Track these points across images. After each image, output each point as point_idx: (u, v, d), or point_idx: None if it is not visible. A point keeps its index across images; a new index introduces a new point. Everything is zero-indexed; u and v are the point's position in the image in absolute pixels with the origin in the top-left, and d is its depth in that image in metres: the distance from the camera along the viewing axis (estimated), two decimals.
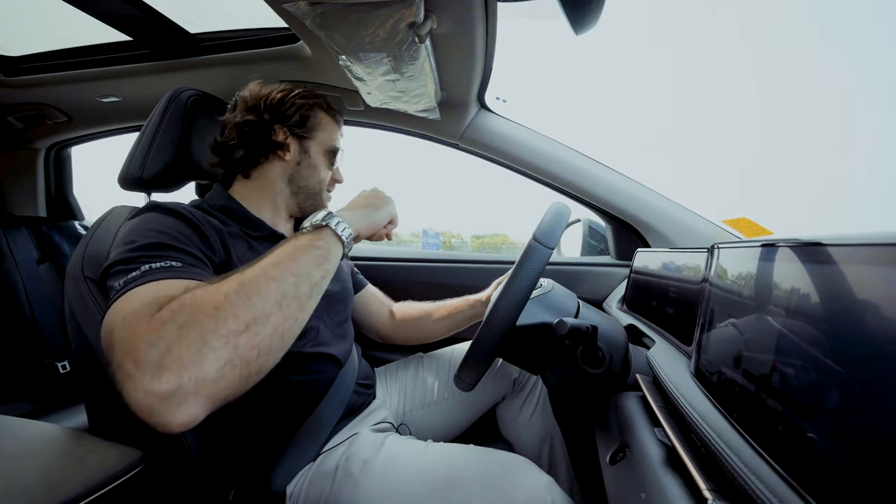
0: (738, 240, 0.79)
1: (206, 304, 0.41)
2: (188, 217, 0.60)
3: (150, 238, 0.53)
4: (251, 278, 0.44)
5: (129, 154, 0.78)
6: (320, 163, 0.79)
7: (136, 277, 0.47)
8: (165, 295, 0.43)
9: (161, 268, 0.48)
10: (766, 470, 0.29)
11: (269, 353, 0.43)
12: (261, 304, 0.43)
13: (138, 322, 0.40)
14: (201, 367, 0.38)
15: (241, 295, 0.42)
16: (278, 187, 0.77)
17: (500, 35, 0.78)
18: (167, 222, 0.57)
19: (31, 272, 1.37)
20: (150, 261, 0.49)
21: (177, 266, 0.50)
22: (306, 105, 0.77)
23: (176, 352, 0.38)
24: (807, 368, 0.29)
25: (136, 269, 0.48)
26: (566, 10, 0.49)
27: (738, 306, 0.41)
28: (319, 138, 0.79)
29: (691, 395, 0.43)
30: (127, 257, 0.50)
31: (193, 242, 0.57)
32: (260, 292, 0.43)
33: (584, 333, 0.54)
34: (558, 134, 1.09)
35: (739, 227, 0.97)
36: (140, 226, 0.56)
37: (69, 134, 1.46)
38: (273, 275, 0.45)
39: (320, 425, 0.69)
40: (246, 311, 0.41)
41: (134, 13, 0.89)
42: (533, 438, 0.87)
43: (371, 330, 0.98)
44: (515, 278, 0.55)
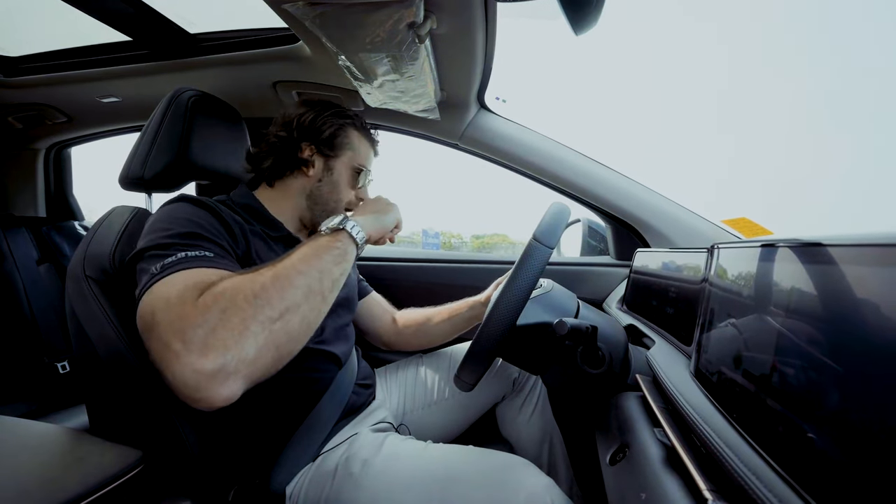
0: (737, 240, 0.79)
1: (246, 292, 0.45)
2: (217, 211, 0.62)
3: (185, 227, 0.56)
4: (284, 271, 0.50)
5: (130, 154, 0.78)
6: (342, 181, 0.79)
7: (173, 263, 0.50)
8: (205, 281, 0.47)
9: (196, 256, 0.51)
10: (765, 470, 0.29)
11: (297, 339, 0.48)
12: (292, 295, 0.48)
13: (183, 305, 0.44)
14: (242, 348, 0.42)
15: (275, 286, 0.47)
16: (297, 200, 0.79)
17: (500, 35, 0.78)
18: (199, 214, 0.60)
19: (31, 272, 1.37)
20: (186, 248, 0.52)
21: (210, 256, 0.53)
22: (337, 124, 0.78)
23: (221, 333, 0.42)
24: (806, 368, 0.29)
25: (172, 255, 0.50)
26: (566, 11, 0.49)
27: (738, 306, 0.41)
28: (346, 157, 0.79)
29: (691, 395, 0.43)
30: (163, 243, 0.53)
31: (222, 235, 0.60)
32: (292, 284, 0.49)
33: (583, 333, 0.54)
34: (558, 134, 1.10)
35: (739, 227, 0.98)
36: (174, 214, 0.59)
37: (69, 134, 1.46)
38: (301, 269, 0.51)
39: (319, 424, 0.69)
40: (280, 300, 0.47)
41: (133, 13, 0.89)
42: (532, 438, 0.87)
43: (374, 336, 0.98)
44: (516, 278, 0.55)
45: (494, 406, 0.94)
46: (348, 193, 0.81)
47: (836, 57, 57.15)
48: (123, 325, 0.65)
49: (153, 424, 0.64)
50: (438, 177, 14.16)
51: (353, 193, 0.81)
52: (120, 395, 0.66)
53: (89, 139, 1.52)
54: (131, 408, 0.66)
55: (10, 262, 1.33)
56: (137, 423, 0.67)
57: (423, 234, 2.59)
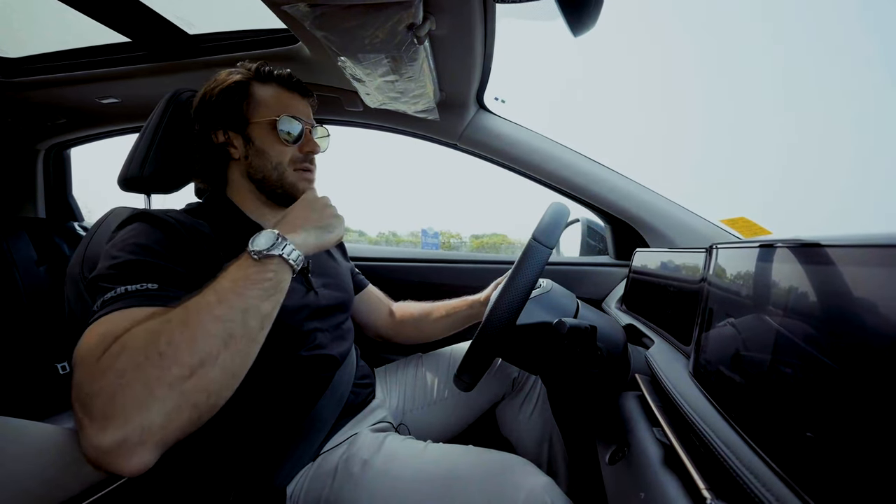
0: (736, 240, 0.79)
1: (149, 349, 0.39)
2: (175, 229, 0.57)
3: (133, 254, 0.51)
4: (195, 316, 0.42)
5: (129, 155, 0.78)
6: (267, 144, 0.69)
7: (109, 301, 0.46)
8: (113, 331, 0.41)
9: (136, 291, 0.47)
10: (763, 469, 0.29)
11: (219, 392, 0.42)
12: (206, 345, 0.41)
13: (86, 365, 0.39)
14: (146, 417, 0.37)
15: (185, 337, 0.40)
16: (246, 187, 0.72)
17: (498, 36, 0.78)
18: (154, 236, 0.55)
19: (31, 273, 1.37)
20: (128, 282, 0.48)
21: (152, 289, 0.48)
22: (233, 90, 0.69)
23: (119, 401, 0.36)
24: (804, 368, 0.29)
25: (112, 290, 0.47)
26: (564, 12, 0.49)
27: (737, 306, 0.41)
28: (259, 117, 0.69)
29: (690, 395, 0.43)
30: (107, 273, 0.49)
31: (178, 257, 0.55)
32: (206, 332, 0.41)
33: (583, 333, 0.54)
34: (557, 134, 1.10)
35: (738, 227, 0.98)
36: (126, 238, 0.54)
37: (69, 135, 1.46)
38: (218, 313, 0.42)
39: (319, 424, 0.69)
40: (191, 355, 0.40)
41: (133, 15, 0.89)
42: (532, 438, 0.87)
43: (370, 329, 0.98)
44: (515, 278, 0.55)
45: (494, 406, 0.95)
46: (282, 153, 0.70)
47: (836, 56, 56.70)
48: None
49: None
50: (438, 177, 14.13)
51: (291, 149, 0.70)
52: None
53: (89, 140, 1.52)
54: None
55: (10, 263, 1.33)
56: None
57: (423, 233, 2.59)
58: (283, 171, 0.70)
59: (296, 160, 0.71)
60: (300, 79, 0.75)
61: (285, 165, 0.70)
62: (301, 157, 0.71)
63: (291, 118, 0.70)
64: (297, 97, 0.73)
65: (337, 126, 1.18)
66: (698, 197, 2.18)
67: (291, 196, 0.70)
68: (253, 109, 0.69)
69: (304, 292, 0.72)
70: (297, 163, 0.71)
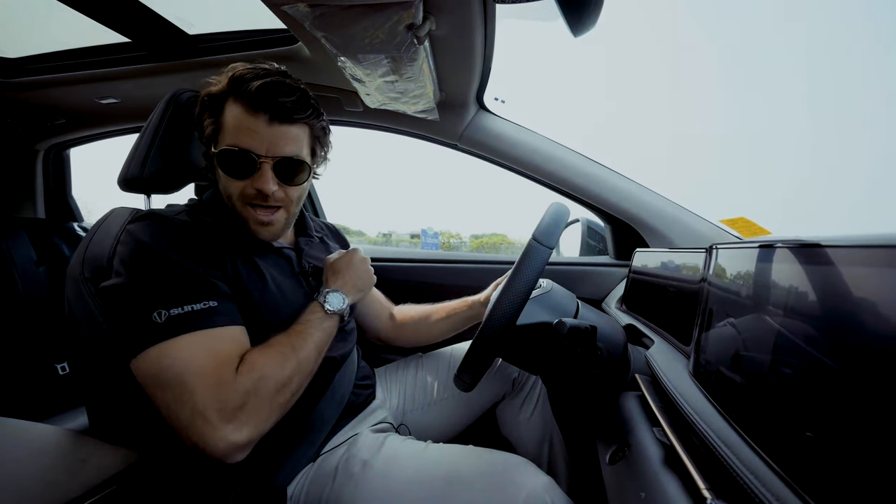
0: (736, 240, 0.79)
1: (277, 380, 0.55)
2: (197, 231, 0.61)
3: (175, 268, 0.55)
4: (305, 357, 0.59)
5: (129, 155, 0.78)
6: (221, 173, 0.62)
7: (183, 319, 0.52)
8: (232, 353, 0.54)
9: (204, 311, 0.54)
10: (763, 469, 0.29)
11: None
12: (303, 379, 0.59)
13: (220, 378, 0.51)
14: (268, 425, 0.54)
15: (295, 372, 0.58)
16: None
17: (498, 36, 0.78)
18: (180, 241, 0.58)
19: (31, 274, 1.37)
20: (191, 300, 0.54)
21: (215, 307, 0.55)
22: (206, 102, 0.63)
23: (256, 414, 0.52)
24: (803, 368, 0.29)
25: (178, 307, 0.53)
26: (564, 13, 0.49)
27: (736, 306, 0.41)
28: (222, 142, 0.62)
29: (690, 395, 0.43)
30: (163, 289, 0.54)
31: (211, 264, 0.59)
32: (304, 370, 0.59)
33: (583, 333, 0.54)
34: (557, 134, 1.10)
35: (737, 227, 0.98)
36: (156, 245, 0.56)
37: (68, 135, 1.46)
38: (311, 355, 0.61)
39: (319, 424, 0.69)
40: (298, 387, 0.58)
41: (133, 15, 0.89)
42: (532, 438, 0.87)
43: (371, 332, 0.98)
44: (516, 277, 0.55)
45: (494, 406, 0.95)
46: (232, 186, 0.62)
47: (835, 55, 57.09)
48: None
49: (153, 425, 0.64)
50: (438, 177, 14.17)
51: (239, 184, 0.62)
52: (119, 396, 0.66)
53: (88, 140, 1.52)
54: (131, 409, 0.66)
55: (10, 264, 1.33)
56: (137, 425, 0.66)
57: (423, 233, 2.59)
58: (234, 203, 0.64)
59: (247, 195, 0.63)
60: (301, 78, 0.69)
61: (235, 199, 0.63)
62: (252, 193, 0.62)
63: (233, 152, 0.60)
64: (262, 121, 0.60)
65: (337, 126, 1.18)
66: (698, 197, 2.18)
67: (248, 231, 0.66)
68: (223, 130, 0.62)
69: (306, 297, 0.71)
70: (249, 198, 0.63)
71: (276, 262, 0.70)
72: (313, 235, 0.82)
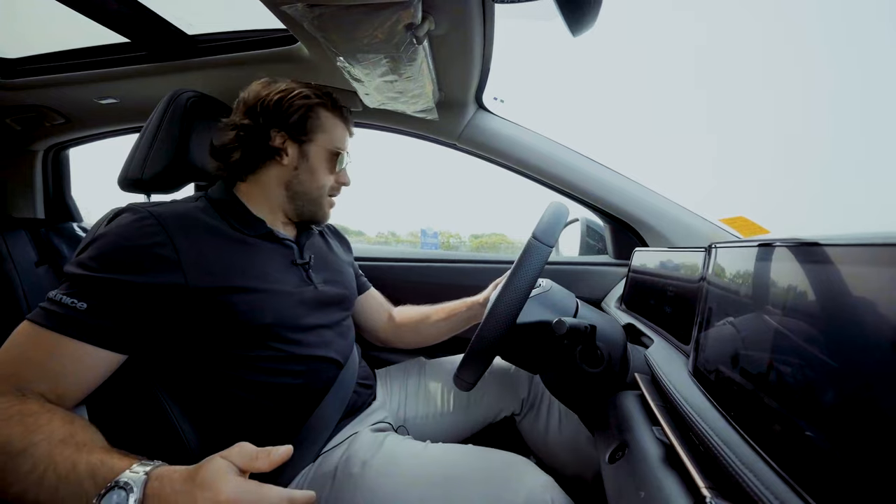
0: (735, 239, 0.80)
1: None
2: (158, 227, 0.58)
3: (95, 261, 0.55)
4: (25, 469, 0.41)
5: (129, 156, 0.78)
6: (320, 167, 0.75)
7: (46, 307, 0.53)
8: (21, 376, 0.49)
9: (65, 310, 0.52)
10: (763, 468, 0.29)
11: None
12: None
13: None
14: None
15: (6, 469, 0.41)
16: (275, 192, 0.74)
17: (497, 36, 0.78)
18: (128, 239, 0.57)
19: (30, 274, 1.37)
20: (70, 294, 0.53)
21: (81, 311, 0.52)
22: (307, 105, 0.72)
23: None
24: (803, 367, 0.29)
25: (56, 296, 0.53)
26: (563, 12, 0.49)
27: (736, 305, 0.41)
28: (320, 141, 0.74)
29: (689, 394, 0.43)
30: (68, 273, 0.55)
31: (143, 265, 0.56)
32: (10, 483, 0.41)
33: (582, 333, 0.54)
34: (556, 134, 1.10)
35: (737, 226, 0.98)
36: (105, 245, 0.56)
37: (67, 136, 1.46)
38: (28, 488, 0.40)
39: (321, 424, 0.69)
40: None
41: (132, 15, 0.89)
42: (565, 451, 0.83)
43: (370, 333, 0.98)
44: (516, 275, 0.55)
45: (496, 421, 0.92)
46: (328, 179, 0.76)
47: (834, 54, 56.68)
48: None
49: (154, 426, 0.64)
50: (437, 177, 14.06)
51: (332, 178, 0.77)
52: (119, 395, 0.66)
53: (88, 140, 1.52)
54: (132, 409, 0.66)
55: (9, 264, 1.33)
56: (138, 425, 0.66)
57: (422, 233, 2.59)
58: (322, 193, 0.76)
59: (333, 188, 0.79)
60: (299, 79, 0.76)
61: (325, 190, 0.77)
62: (336, 187, 0.79)
63: (347, 154, 0.78)
64: (347, 132, 0.79)
65: None
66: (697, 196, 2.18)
67: (314, 217, 0.78)
68: (318, 130, 0.74)
69: (305, 287, 0.72)
70: (333, 190, 0.79)
71: (280, 251, 0.72)
72: (313, 229, 0.83)
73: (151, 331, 0.57)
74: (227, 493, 0.36)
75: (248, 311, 0.62)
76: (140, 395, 0.63)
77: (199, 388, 0.65)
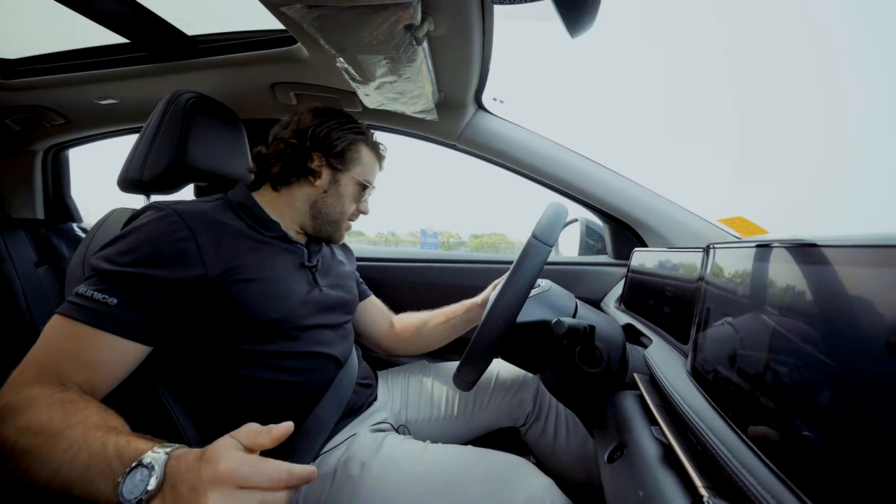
0: (733, 240, 0.80)
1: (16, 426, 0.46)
2: (182, 224, 0.61)
3: (125, 256, 0.57)
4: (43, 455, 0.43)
5: (129, 156, 0.78)
6: (347, 194, 0.80)
7: (78, 302, 0.54)
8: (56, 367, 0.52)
9: (97, 305, 0.54)
10: (760, 468, 0.29)
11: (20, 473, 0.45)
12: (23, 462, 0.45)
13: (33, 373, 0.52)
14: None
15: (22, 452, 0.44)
16: (300, 207, 0.79)
17: (497, 37, 0.78)
18: (154, 236, 0.59)
19: (30, 275, 1.37)
20: (101, 290, 0.55)
21: (113, 305, 0.54)
22: (351, 139, 0.79)
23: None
24: (800, 367, 0.29)
25: (87, 291, 0.55)
26: (561, 13, 0.49)
27: (734, 305, 0.41)
28: (354, 172, 0.80)
29: (688, 394, 0.43)
30: (97, 268, 0.57)
31: (170, 260, 0.58)
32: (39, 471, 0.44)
33: (581, 333, 0.54)
34: (556, 134, 1.10)
35: (735, 226, 0.98)
36: (133, 240, 0.59)
37: (67, 136, 1.46)
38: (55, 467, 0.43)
39: (320, 425, 0.69)
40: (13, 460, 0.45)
41: (131, 15, 0.89)
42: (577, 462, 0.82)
43: (371, 340, 0.98)
44: (515, 274, 0.55)
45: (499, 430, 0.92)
46: (351, 207, 0.82)
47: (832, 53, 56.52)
48: None
49: (154, 425, 0.64)
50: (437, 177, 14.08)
51: (355, 206, 0.83)
52: (119, 396, 0.66)
53: (87, 141, 1.52)
54: (131, 408, 0.66)
55: (9, 265, 1.33)
56: (138, 424, 0.66)
57: (422, 233, 2.60)
58: (343, 218, 0.82)
59: (352, 214, 0.84)
60: (298, 80, 0.79)
61: (346, 216, 0.82)
62: (356, 214, 0.85)
63: (373, 188, 0.85)
64: (378, 168, 0.86)
65: None
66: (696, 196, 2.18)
67: (329, 236, 0.83)
68: (355, 163, 0.80)
69: (311, 289, 0.74)
70: (352, 216, 0.84)
71: (291, 253, 0.75)
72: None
73: (178, 323, 0.60)
74: (227, 464, 0.38)
75: (257, 304, 0.64)
76: (140, 391, 0.63)
77: (201, 384, 0.65)
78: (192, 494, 0.37)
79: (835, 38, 48.94)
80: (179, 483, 0.39)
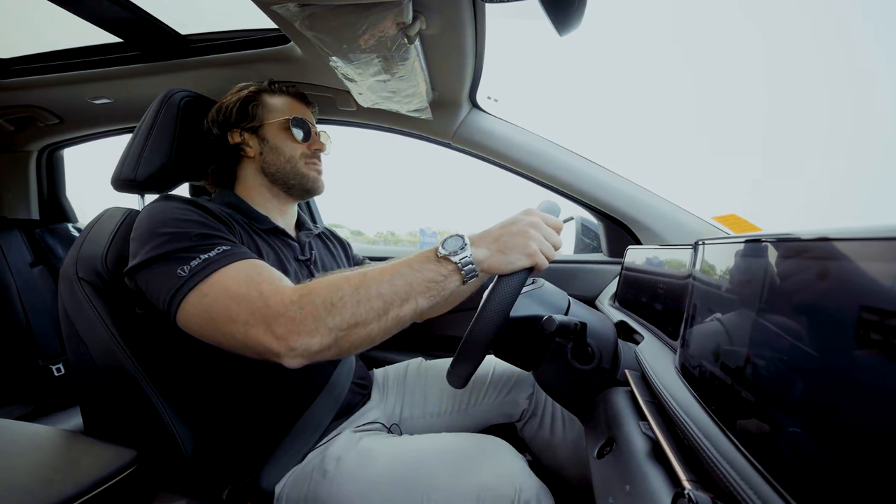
0: (721, 235, 0.80)
1: (325, 298, 0.51)
2: (204, 206, 0.65)
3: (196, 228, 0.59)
4: (365, 288, 0.51)
5: (122, 156, 0.78)
6: (280, 142, 0.79)
7: (215, 259, 0.55)
8: (259, 272, 0.55)
9: (220, 254, 0.56)
10: (741, 460, 0.30)
11: (359, 347, 0.53)
12: (364, 312, 0.51)
13: (260, 293, 0.52)
14: (315, 342, 0.50)
15: (352, 300, 0.51)
16: (258, 182, 0.80)
17: (490, 35, 0.78)
18: (193, 212, 0.62)
19: (25, 275, 1.37)
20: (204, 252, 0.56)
21: (227, 250, 0.57)
22: (245, 97, 0.79)
23: (300, 326, 0.50)
24: (781, 363, 0.29)
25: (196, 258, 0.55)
26: (548, 12, 0.49)
27: (720, 301, 0.41)
28: (269, 120, 0.79)
29: (675, 390, 0.44)
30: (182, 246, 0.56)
31: (222, 228, 0.63)
32: (368, 303, 0.51)
33: (572, 330, 0.55)
34: (550, 132, 1.10)
35: (729, 224, 0.98)
36: (171, 215, 0.60)
37: (61, 136, 1.46)
38: (385, 292, 0.51)
39: (313, 424, 0.70)
40: (351, 315, 0.51)
41: (125, 15, 0.89)
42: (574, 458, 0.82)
43: None
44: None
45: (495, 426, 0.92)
46: (294, 149, 0.80)
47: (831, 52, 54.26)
48: (116, 326, 0.65)
49: (147, 424, 0.64)
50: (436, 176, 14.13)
51: (300, 148, 0.81)
52: (113, 395, 0.66)
53: (81, 141, 1.52)
54: (125, 408, 0.66)
55: (4, 265, 1.33)
56: (131, 424, 0.67)
57: (421, 233, 2.59)
58: (294, 163, 0.80)
59: (305, 155, 0.81)
60: (292, 79, 0.81)
61: (297, 159, 0.80)
62: (309, 154, 0.82)
63: (301, 120, 0.80)
64: (302, 105, 0.84)
65: (331, 126, 1.18)
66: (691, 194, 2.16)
67: (303, 185, 0.81)
68: (266, 113, 0.79)
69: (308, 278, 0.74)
70: (307, 158, 0.81)
71: (286, 248, 0.77)
72: (312, 229, 0.88)
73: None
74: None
75: None
76: (133, 392, 0.64)
77: (193, 382, 0.65)
78: (507, 226, 0.55)
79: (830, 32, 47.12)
80: (488, 232, 0.56)
